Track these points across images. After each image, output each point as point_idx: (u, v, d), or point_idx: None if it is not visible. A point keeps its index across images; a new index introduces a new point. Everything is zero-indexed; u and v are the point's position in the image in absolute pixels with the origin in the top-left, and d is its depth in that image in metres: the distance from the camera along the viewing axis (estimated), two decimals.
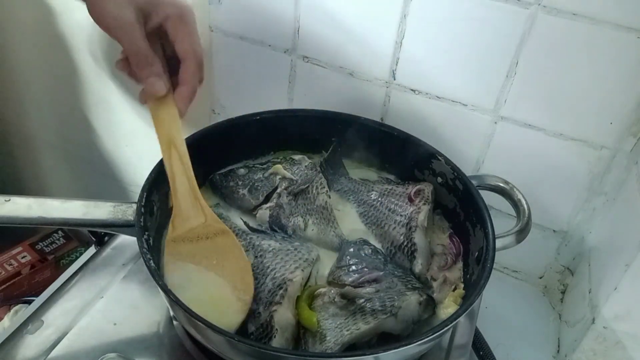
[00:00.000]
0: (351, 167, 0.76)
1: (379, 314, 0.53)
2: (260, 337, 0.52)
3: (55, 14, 0.98)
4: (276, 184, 0.68)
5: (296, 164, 0.71)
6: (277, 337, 0.52)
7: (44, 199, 0.58)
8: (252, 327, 0.53)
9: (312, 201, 0.66)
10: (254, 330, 0.53)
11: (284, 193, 0.67)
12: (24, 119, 1.24)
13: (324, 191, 0.67)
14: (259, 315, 0.53)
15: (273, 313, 0.53)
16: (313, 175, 0.69)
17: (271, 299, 0.54)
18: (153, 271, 0.51)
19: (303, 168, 0.70)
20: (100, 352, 0.60)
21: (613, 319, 0.62)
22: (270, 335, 0.52)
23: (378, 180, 0.73)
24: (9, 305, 1.10)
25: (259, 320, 0.53)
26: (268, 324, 0.52)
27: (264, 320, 0.53)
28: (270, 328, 0.52)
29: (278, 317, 0.53)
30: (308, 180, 0.68)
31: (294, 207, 0.66)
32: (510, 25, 0.64)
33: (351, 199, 0.70)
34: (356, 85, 0.78)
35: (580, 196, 0.72)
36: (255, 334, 0.53)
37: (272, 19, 0.79)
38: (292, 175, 0.69)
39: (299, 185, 0.67)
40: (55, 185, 1.37)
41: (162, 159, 0.59)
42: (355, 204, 0.69)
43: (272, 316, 0.53)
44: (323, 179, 0.68)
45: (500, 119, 0.71)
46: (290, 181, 0.68)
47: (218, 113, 0.96)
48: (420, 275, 0.61)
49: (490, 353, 0.67)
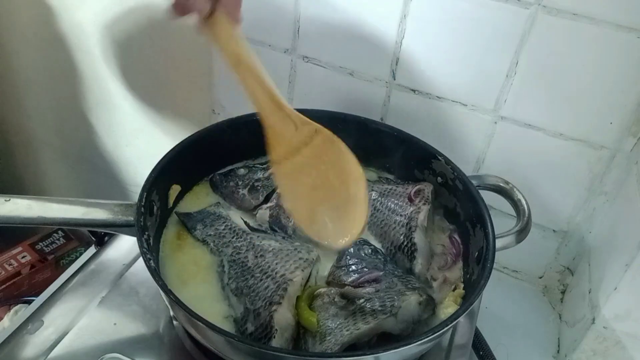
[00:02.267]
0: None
1: (378, 314, 0.53)
2: (260, 337, 0.52)
3: (55, 14, 0.98)
4: (276, 184, 0.68)
5: None
6: (276, 338, 0.52)
7: (44, 199, 0.58)
8: (251, 327, 0.53)
9: None
10: (253, 330, 0.53)
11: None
12: (24, 119, 1.24)
13: None
14: (259, 315, 0.53)
15: (273, 313, 0.53)
16: None
17: (271, 299, 0.54)
18: (153, 271, 0.51)
19: None
20: (100, 352, 0.59)
21: (613, 319, 0.62)
22: (270, 336, 0.52)
23: (378, 180, 0.73)
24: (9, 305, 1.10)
25: (259, 320, 0.53)
26: (268, 324, 0.52)
27: (263, 320, 0.53)
28: (270, 328, 0.52)
29: (278, 317, 0.52)
30: None
31: None
32: (510, 25, 0.64)
33: None
34: (356, 85, 0.78)
35: (580, 196, 0.72)
36: (254, 334, 0.52)
37: (272, 19, 0.79)
38: None
39: None
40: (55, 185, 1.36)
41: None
42: None
43: (272, 316, 0.52)
44: None
45: (500, 119, 0.71)
46: None
47: (218, 113, 0.96)
48: (420, 275, 0.61)
49: (490, 353, 0.67)
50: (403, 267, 0.62)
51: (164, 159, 0.63)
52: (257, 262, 0.59)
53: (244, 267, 0.59)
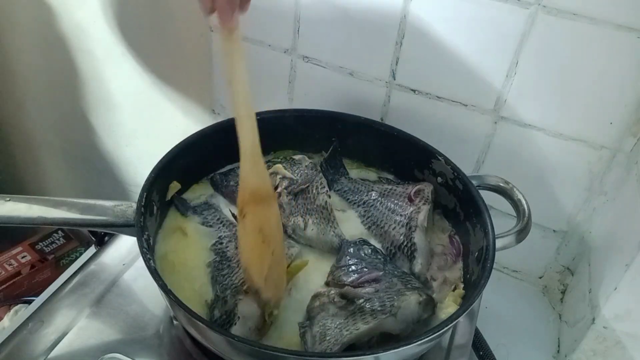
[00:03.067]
0: (351, 167, 0.76)
1: (378, 314, 0.53)
2: (223, 323, 0.54)
3: (55, 14, 0.98)
4: (276, 184, 0.68)
5: (296, 163, 0.71)
6: (237, 325, 0.53)
7: (44, 199, 0.58)
8: (217, 313, 0.55)
9: (312, 201, 0.66)
10: (219, 317, 0.55)
11: (284, 193, 0.67)
12: (24, 119, 1.24)
13: (324, 191, 0.67)
14: (225, 303, 0.55)
15: (238, 301, 0.54)
16: (313, 175, 0.69)
17: (239, 288, 0.55)
18: (153, 271, 0.51)
19: (303, 168, 0.70)
20: (100, 352, 0.60)
21: (613, 319, 0.62)
22: (232, 322, 0.53)
23: (378, 180, 0.73)
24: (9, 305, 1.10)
25: (224, 307, 0.55)
26: (231, 311, 0.54)
27: (228, 307, 0.54)
28: (232, 315, 0.54)
29: (242, 305, 0.54)
30: (308, 180, 0.68)
31: (294, 206, 0.66)
32: (510, 25, 0.64)
33: (351, 199, 0.70)
34: (356, 85, 0.78)
35: (580, 196, 0.72)
36: (219, 320, 0.54)
37: (272, 19, 0.79)
38: (292, 175, 0.69)
39: (299, 185, 0.67)
40: (55, 185, 1.37)
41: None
42: (356, 204, 0.69)
43: (237, 304, 0.54)
44: (323, 179, 0.68)
45: (500, 119, 0.71)
46: (291, 181, 0.68)
47: (218, 113, 0.96)
48: (420, 275, 0.61)
49: (490, 353, 0.67)
50: (403, 267, 0.62)
51: (164, 158, 0.63)
52: (236, 252, 0.60)
53: (222, 257, 0.61)
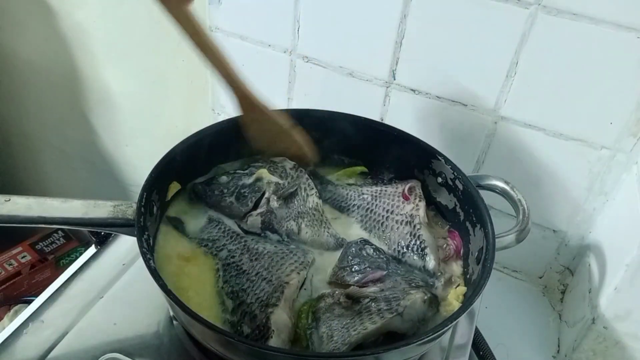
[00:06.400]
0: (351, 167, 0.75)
1: (385, 313, 0.52)
2: (257, 338, 0.52)
3: (55, 14, 0.98)
4: (263, 189, 0.66)
5: (279, 166, 0.69)
6: (273, 338, 0.51)
7: (44, 199, 0.58)
8: (247, 329, 0.53)
9: (303, 203, 0.65)
10: (250, 332, 0.52)
11: (273, 198, 0.65)
12: (24, 119, 1.24)
13: (313, 192, 0.66)
14: (255, 318, 0.53)
15: (270, 315, 0.52)
16: (299, 177, 0.67)
17: (267, 301, 0.54)
18: (153, 271, 0.51)
19: (287, 170, 0.68)
20: (100, 352, 0.59)
21: (613, 319, 0.62)
22: (267, 336, 0.51)
23: (365, 182, 0.72)
24: (9, 305, 1.10)
25: (255, 322, 0.52)
26: (264, 325, 0.52)
27: (259, 322, 0.52)
28: (267, 329, 0.52)
29: (275, 318, 0.52)
30: (295, 182, 0.67)
31: (285, 211, 0.65)
32: (510, 25, 0.64)
33: (343, 205, 0.69)
34: (356, 85, 0.78)
35: (580, 196, 0.72)
36: (251, 335, 0.52)
37: (272, 19, 0.79)
38: (278, 178, 0.67)
39: (287, 189, 0.66)
40: (55, 185, 1.37)
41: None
42: (349, 210, 0.68)
43: (269, 317, 0.52)
44: (310, 180, 0.67)
45: (500, 119, 0.71)
46: (277, 185, 0.66)
47: (218, 113, 0.96)
48: (435, 271, 0.60)
49: (490, 353, 0.67)
50: (415, 266, 0.61)
51: (164, 158, 0.63)
52: (252, 265, 0.58)
53: (239, 271, 0.58)
